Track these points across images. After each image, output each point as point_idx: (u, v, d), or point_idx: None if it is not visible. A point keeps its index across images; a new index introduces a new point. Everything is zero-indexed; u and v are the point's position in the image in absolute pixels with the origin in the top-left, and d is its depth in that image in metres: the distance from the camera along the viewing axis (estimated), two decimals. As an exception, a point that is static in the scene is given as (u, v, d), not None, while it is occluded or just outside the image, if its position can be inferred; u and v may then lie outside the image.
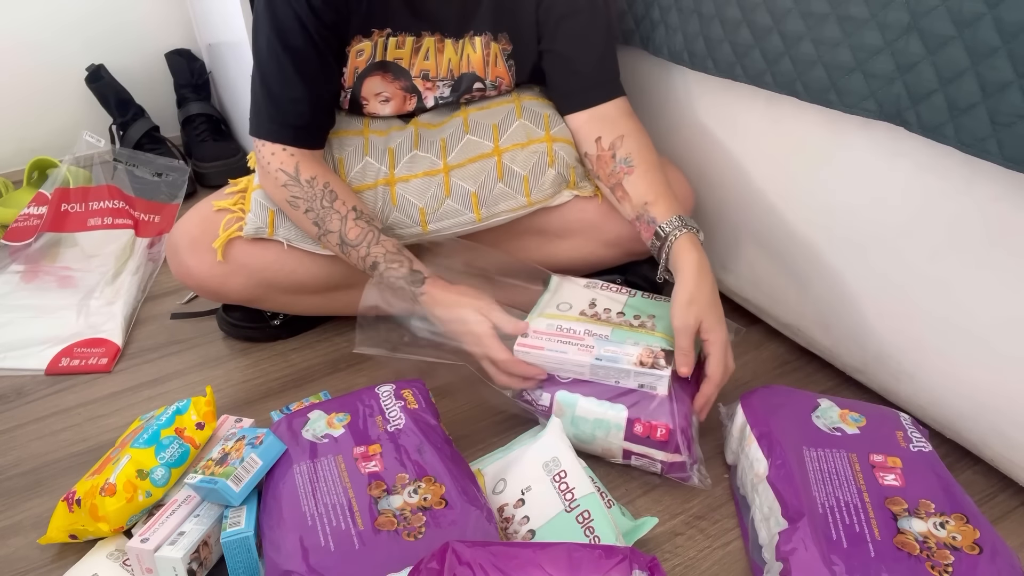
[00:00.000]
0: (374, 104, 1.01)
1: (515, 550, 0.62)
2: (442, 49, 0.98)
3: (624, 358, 0.85)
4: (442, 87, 1.02)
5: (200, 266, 1.00)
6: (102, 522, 0.76)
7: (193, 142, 1.70)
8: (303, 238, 0.99)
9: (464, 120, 1.01)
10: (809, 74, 0.83)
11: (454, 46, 0.99)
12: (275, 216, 0.98)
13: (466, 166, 0.99)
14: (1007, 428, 0.81)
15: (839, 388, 1.03)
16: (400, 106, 1.02)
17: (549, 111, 1.02)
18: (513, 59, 1.01)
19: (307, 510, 0.73)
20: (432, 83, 1.01)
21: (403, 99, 1.01)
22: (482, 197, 0.98)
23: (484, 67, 1.00)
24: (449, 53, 0.99)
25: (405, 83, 1.00)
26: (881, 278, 0.88)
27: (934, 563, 0.67)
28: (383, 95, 1.00)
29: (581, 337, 0.87)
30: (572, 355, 0.86)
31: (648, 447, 0.85)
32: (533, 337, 0.88)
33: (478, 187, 0.98)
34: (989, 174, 0.72)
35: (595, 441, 0.88)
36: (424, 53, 0.98)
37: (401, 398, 0.87)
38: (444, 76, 1.00)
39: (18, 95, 1.68)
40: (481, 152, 0.99)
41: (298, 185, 0.92)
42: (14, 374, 1.11)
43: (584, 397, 0.87)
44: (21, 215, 1.39)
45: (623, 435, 0.86)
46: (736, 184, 1.03)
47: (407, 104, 1.02)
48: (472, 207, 0.99)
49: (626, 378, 0.85)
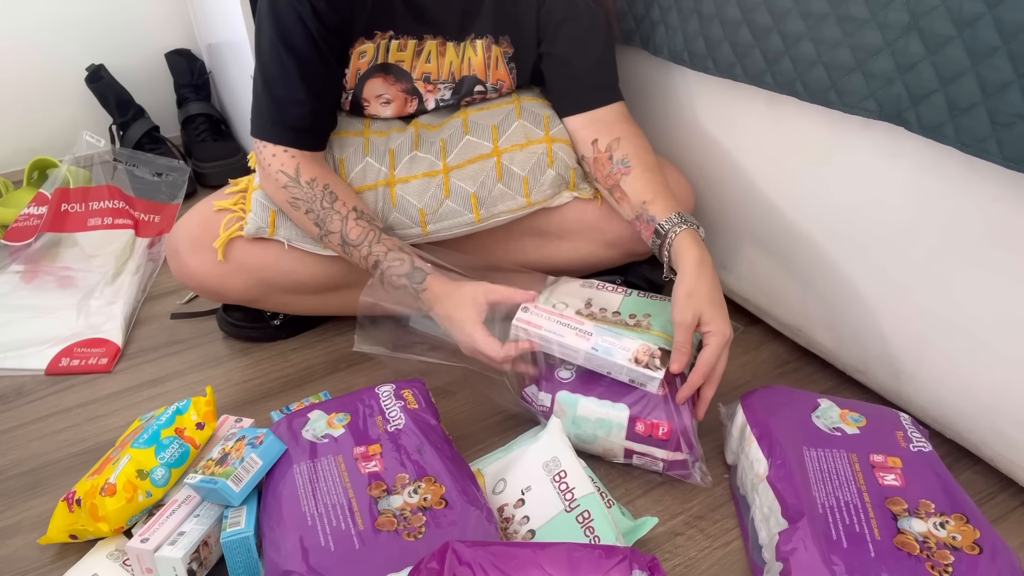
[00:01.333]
0: (375, 106, 1.01)
1: (515, 550, 0.62)
2: (443, 52, 0.98)
3: (620, 352, 0.84)
4: (443, 89, 1.02)
5: (200, 266, 1.00)
6: (102, 522, 0.76)
7: (193, 142, 1.70)
8: (304, 238, 0.99)
9: (464, 121, 1.01)
10: (809, 74, 0.83)
11: (455, 49, 0.99)
12: (276, 216, 0.98)
13: (465, 167, 0.99)
14: (1007, 428, 0.81)
15: (839, 388, 1.03)
16: (401, 108, 1.02)
17: (548, 112, 1.02)
18: (514, 62, 1.01)
19: (307, 510, 0.73)
20: (433, 85, 1.01)
21: (404, 101, 1.01)
22: (481, 197, 0.98)
23: (485, 70, 1.01)
24: (451, 56, 0.99)
25: (406, 85, 1.00)
26: (881, 278, 0.88)
27: (934, 563, 0.67)
28: (384, 97, 1.00)
29: (581, 321, 0.87)
30: (569, 339, 0.85)
31: (650, 446, 0.85)
32: (533, 313, 0.87)
33: (477, 187, 0.98)
34: (989, 174, 0.72)
35: (596, 441, 0.88)
36: (426, 56, 0.98)
37: (401, 398, 0.87)
38: (445, 79, 1.01)
39: (18, 95, 1.68)
40: (480, 153, 0.99)
41: (298, 186, 0.92)
42: (14, 374, 1.11)
43: (585, 397, 0.87)
44: (21, 215, 1.39)
45: (625, 434, 0.86)
46: (736, 184, 1.03)
47: (408, 106, 1.02)
48: (471, 208, 0.99)
49: (618, 372, 0.85)
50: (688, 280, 0.85)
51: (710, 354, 0.84)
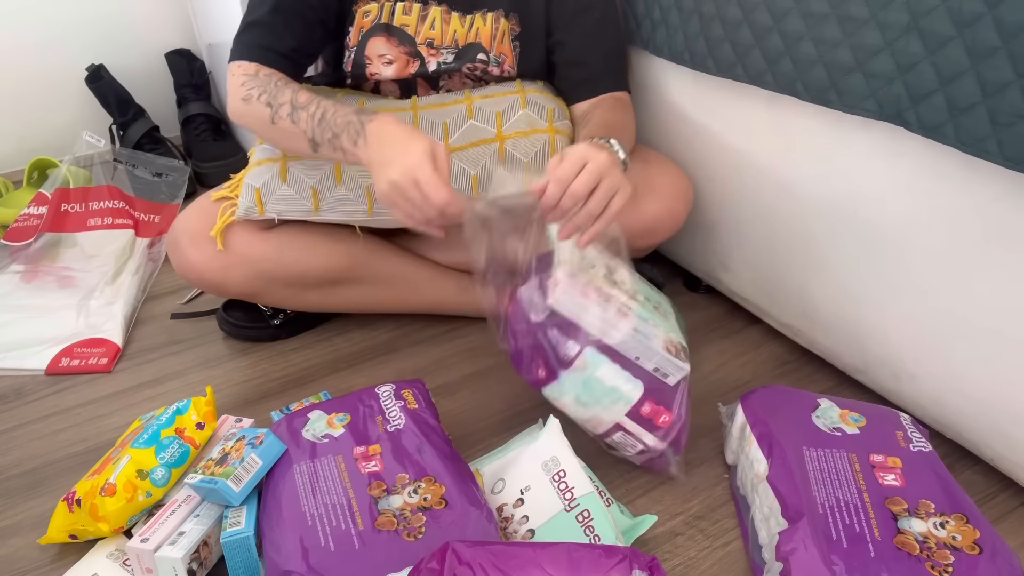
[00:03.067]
0: (376, 65, 1.02)
1: (515, 550, 0.62)
2: (448, 20, 1.01)
3: (656, 338, 0.82)
4: (446, 54, 1.03)
5: (201, 258, 1.00)
6: (102, 522, 0.76)
7: (193, 142, 1.70)
8: (293, 208, 0.98)
9: (468, 106, 1.02)
10: (809, 74, 0.83)
11: (460, 20, 1.01)
12: (261, 192, 0.98)
13: (468, 149, 1.00)
14: (1008, 428, 0.81)
15: (839, 388, 1.03)
16: (403, 68, 1.03)
17: (553, 105, 1.03)
18: (519, 41, 1.03)
19: (307, 510, 0.73)
20: (436, 50, 1.02)
21: (406, 62, 1.03)
22: (482, 180, 0.99)
23: (491, 41, 1.02)
24: (455, 25, 1.01)
25: (409, 48, 1.02)
26: (881, 278, 0.88)
27: (934, 563, 0.67)
28: (386, 57, 1.02)
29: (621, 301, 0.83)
30: (611, 314, 0.82)
31: (644, 429, 0.84)
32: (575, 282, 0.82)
33: (479, 170, 0.99)
34: (989, 174, 0.72)
35: (591, 407, 0.84)
36: (430, 22, 1.00)
37: (401, 398, 0.87)
38: (449, 44, 1.02)
39: (18, 95, 1.67)
40: (483, 137, 1.00)
41: (255, 79, 0.91)
42: (14, 374, 1.11)
43: (610, 362, 0.82)
44: (21, 215, 1.39)
45: (627, 410, 0.83)
46: (736, 184, 1.03)
47: (409, 67, 1.03)
48: (472, 189, 0.99)
49: (648, 358, 0.82)
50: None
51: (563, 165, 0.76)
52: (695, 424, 0.96)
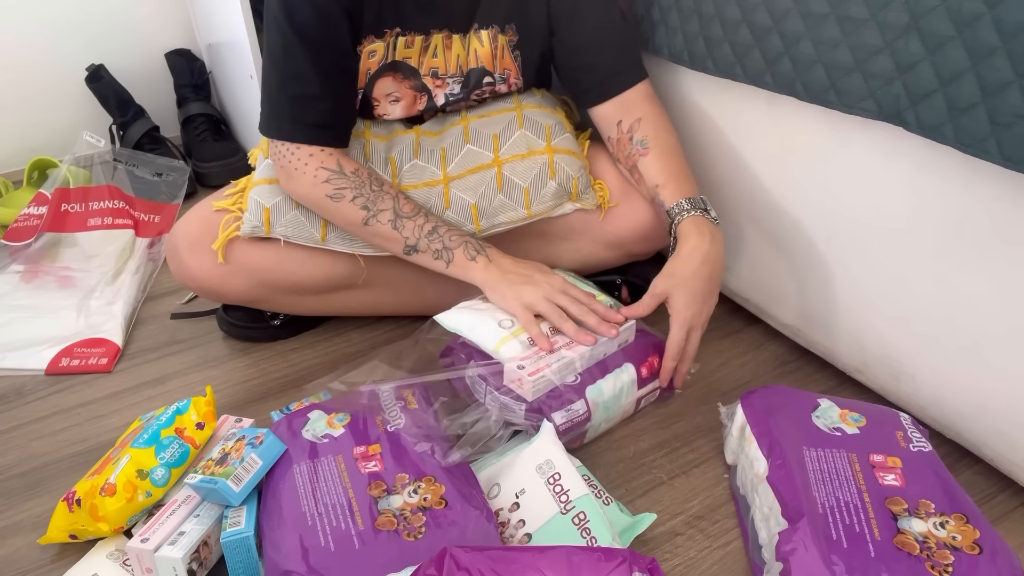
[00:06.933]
0: (384, 105, 1.01)
1: (514, 555, 0.61)
2: (450, 45, 0.99)
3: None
4: (452, 84, 1.02)
5: (200, 266, 1.00)
6: (102, 522, 0.76)
7: (193, 142, 1.70)
8: (301, 234, 0.98)
9: (465, 129, 1.01)
10: (809, 74, 0.83)
11: (461, 41, 0.99)
12: (271, 213, 0.98)
13: (466, 177, 0.99)
14: (1007, 428, 0.81)
15: (839, 388, 1.03)
16: (411, 105, 1.02)
17: (551, 121, 1.02)
18: (519, 50, 1.02)
19: (307, 510, 0.74)
20: (442, 80, 1.01)
21: (413, 98, 1.02)
22: (481, 208, 0.98)
23: (492, 60, 1.01)
24: (457, 49, 0.99)
25: (415, 82, 1.00)
26: (881, 278, 0.88)
27: (934, 563, 0.67)
28: (393, 95, 1.01)
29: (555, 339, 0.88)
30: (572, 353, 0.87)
31: (653, 381, 0.93)
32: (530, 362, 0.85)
33: (478, 198, 0.98)
34: (989, 174, 0.72)
35: (615, 410, 0.92)
36: (432, 51, 0.98)
37: (401, 398, 0.87)
38: (453, 72, 1.01)
39: (18, 95, 1.68)
40: (481, 163, 0.99)
41: (344, 177, 0.93)
42: (14, 374, 1.11)
43: (603, 379, 0.89)
44: (21, 215, 1.39)
45: (637, 386, 0.92)
46: (736, 184, 1.03)
47: (417, 103, 1.02)
48: (472, 218, 0.98)
49: (609, 346, 0.90)
50: (674, 262, 0.90)
51: (672, 337, 0.89)
52: (695, 424, 0.96)
